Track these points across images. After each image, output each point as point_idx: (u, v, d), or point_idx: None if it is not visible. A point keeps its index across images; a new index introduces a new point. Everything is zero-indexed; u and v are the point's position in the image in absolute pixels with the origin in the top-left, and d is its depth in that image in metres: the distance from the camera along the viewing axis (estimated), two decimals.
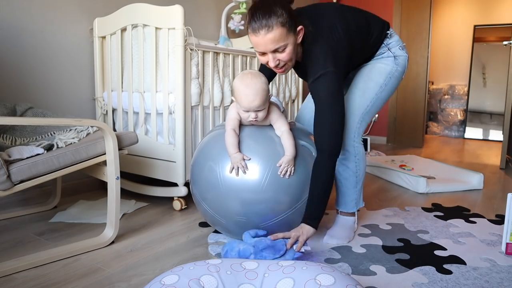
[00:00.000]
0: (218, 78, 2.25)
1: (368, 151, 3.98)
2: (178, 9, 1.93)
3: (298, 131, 1.59)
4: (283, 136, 1.46)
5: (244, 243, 1.34)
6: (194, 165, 1.58)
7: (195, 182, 1.57)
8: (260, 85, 1.39)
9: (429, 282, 1.32)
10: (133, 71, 2.16)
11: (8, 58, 2.02)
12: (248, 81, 1.38)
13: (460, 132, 5.55)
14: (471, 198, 2.39)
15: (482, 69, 5.45)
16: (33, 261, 1.38)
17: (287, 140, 1.44)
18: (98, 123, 1.52)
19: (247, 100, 1.38)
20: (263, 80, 1.41)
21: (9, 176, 1.33)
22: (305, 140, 1.55)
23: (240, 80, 1.41)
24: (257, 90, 1.38)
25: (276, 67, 1.42)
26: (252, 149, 1.45)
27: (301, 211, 1.47)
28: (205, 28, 3.24)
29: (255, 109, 1.41)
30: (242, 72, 1.46)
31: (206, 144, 1.57)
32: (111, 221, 1.60)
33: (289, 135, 1.45)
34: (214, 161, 1.48)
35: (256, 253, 1.28)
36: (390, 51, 1.63)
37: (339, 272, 1.05)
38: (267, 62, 1.41)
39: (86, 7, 2.34)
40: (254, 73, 1.42)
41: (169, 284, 1.01)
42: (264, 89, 1.40)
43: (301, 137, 1.56)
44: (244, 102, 1.40)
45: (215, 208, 1.49)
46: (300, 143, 1.52)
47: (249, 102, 1.39)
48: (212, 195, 1.48)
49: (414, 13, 4.39)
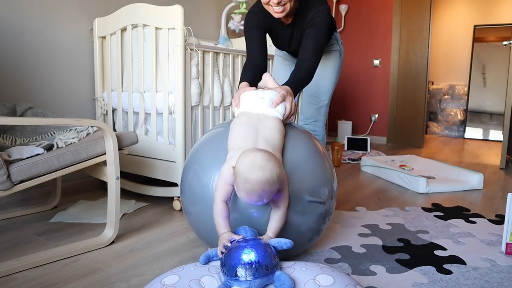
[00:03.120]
0: (218, 78, 2.25)
1: (368, 151, 3.98)
2: (178, 9, 1.93)
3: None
4: (278, 213, 1.21)
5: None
6: (184, 173, 1.43)
7: (183, 193, 1.42)
8: (268, 183, 1.07)
9: (429, 282, 1.32)
10: (133, 71, 2.16)
11: (8, 58, 2.02)
12: (253, 176, 1.06)
13: (460, 132, 5.55)
14: (471, 198, 2.39)
15: (482, 69, 5.45)
16: (33, 261, 1.38)
17: (279, 219, 1.21)
18: (98, 123, 1.52)
19: (247, 197, 1.11)
20: (275, 174, 1.08)
21: (9, 176, 1.33)
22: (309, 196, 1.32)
23: (245, 169, 1.08)
24: (263, 190, 1.07)
25: (279, 4, 1.55)
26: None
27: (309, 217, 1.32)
28: (205, 28, 3.24)
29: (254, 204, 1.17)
30: (253, 154, 1.10)
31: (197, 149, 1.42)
32: (111, 221, 1.60)
33: (283, 215, 1.21)
34: (204, 172, 1.31)
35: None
36: (338, 44, 1.91)
37: (338, 272, 1.05)
38: (269, 1, 1.55)
39: (86, 7, 2.34)
40: (266, 163, 1.08)
41: (170, 284, 1.01)
42: (273, 187, 1.09)
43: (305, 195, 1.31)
44: (243, 197, 1.12)
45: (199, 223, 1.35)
46: (307, 198, 1.30)
47: (248, 200, 1.12)
48: (197, 209, 1.33)
49: (414, 13, 4.39)
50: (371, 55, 4.72)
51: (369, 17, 4.69)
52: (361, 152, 3.93)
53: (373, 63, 4.71)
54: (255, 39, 1.70)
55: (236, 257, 1.03)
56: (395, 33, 4.51)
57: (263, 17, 1.71)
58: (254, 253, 1.03)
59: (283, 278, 1.01)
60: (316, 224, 1.35)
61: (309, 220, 1.31)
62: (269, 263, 1.03)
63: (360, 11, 4.74)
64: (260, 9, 1.69)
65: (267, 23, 1.73)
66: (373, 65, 4.71)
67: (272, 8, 1.58)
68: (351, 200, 2.29)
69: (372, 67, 4.72)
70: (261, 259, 1.02)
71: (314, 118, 1.98)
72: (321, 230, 1.41)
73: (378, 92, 4.72)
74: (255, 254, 1.03)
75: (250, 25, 1.72)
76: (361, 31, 4.75)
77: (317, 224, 1.35)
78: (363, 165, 3.17)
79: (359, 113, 4.85)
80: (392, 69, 4.57)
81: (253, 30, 1.71)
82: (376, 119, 4.75)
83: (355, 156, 3.66)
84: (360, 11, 4.74)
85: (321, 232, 1.43)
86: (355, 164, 3.38)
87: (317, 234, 1.40)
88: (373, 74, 4.73)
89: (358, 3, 4.74)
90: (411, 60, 4.45)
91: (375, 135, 4.75)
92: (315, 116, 1.98)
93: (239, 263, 1.02)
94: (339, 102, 4.92)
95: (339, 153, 3.30)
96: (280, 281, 1.00)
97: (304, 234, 1.33)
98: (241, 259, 1.02)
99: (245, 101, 1.37)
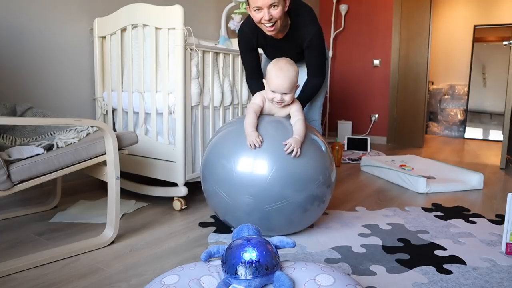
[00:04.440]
0: (218, 78, 2.25)
1: (368, 151, 3.98)
2: (178, 9, 1.93)
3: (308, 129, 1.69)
4: (298, 122, 1.57)
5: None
6: (206, 164, 1.65)
7: (207, 179, 1.64)
8: (292, 72, 1.56)
9: (429, 282, 1.32)
10: (133, 71, 2.16)
11: (8, 58, 2.02)
12: (282, 65, 1.56)
13: (460, 132, 5.55)
14: (471, 198, 2.39)
15: (482, 69, 5.45)
16: (33, 261, 1.38)
17: (300, 125, 1.56)
18: (98, 123, 1.52)
19: (278, 81, 1.54)
20: (295, 69, 1.58)
21: (9, 176, 1.33)
22: (315, 136, 1.65)
23: (275, 63, 1.58)
24: (289, 75, 1.55)
25: (269, 21, 1.67)
26: (265, 135, 1.54)
27: (306, 195, 1.53)
28: (205, 28, 3.24)
29: (282, 91, 1.55)
30: (277, 58, 1.62)
31: (216, 143, 1.64)
32: (111, 221, 1.60)
33: (302, 122, 1.58)
34: (226, 159, 1.55)
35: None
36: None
37: (338, 272, 1.05)
38: (260, 19, 1.67)
39: (86, 7, 2.34)
40: (289, 60, 1.60)
41: (170, 284, 1.01)
42: (295, 76, 1.57)
43: (313, 133, 1.66)
44: (275, 83, 1.54)
45: (229, 195, 1.57)
46: (311, 136, 1.61)
47: (279, 84, 1.54)
48: (226, 188, 1.56)
49: (414, 13, 4.39)
50: (371, 55, 4.72)
51: (369, 17, 4.69)
52: (361, 152, 3.93)
53: (373, 63, 4.71)
54: (250, 61, 1.95)
55: (237, 256, 1.03)
56: (395, 33, 4.51)
57: (251, 37, 1.87)
58: (255, 252, 1.03)
59: (283, 278, 1.01)
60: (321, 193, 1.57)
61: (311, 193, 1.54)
62: (269, 262, 1.03)
63: (360, 11, 4.74)
64: (250, 29, 1.83)
65: (256, 43, 1.90)
66: (373, 65, 4.71)
67: (265, 26, 1.71)
68: (351, 200, 2.29)
69: (372, 67, 4.72)
70: (261, 259, 1.02)
71: (312, 118, 2.07)
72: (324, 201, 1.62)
73: (378, 92, 4.72)
74: (256, 254, 1.03)
75: (242, 46, 1.94)
76: (361, 31, 4.75)
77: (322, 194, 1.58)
78: (363, 165, 3.17)
79: (359, 113, 4.85)
80: (392, 69, 4.57)
81: (245, 52, 1.93)
82: (376, 119, 4.75)
83: (355, 156, 3.66)
84: (360, 11, 4.74)
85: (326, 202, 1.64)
86: (355, 164, 3.38)
87: (323, 202, 1.62)
88: (373, 74, 4.73)
89: (358, 3, 4.74)
90: (411, 60, 4.45)
91: (375, 135, 4.75)
92: (311, 116, 2.08)
93: (239, 261, 1.02)
94: (339, 102, 4.92)
95: (339, 153, 3.30)
96: (279, 282, 1.00)
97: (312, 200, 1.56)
98: (242, 257, 1.02)
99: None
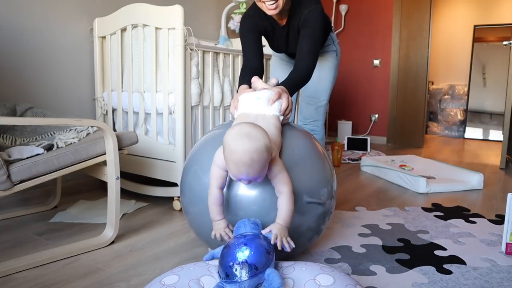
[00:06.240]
0: (218, 78, 2.25)
1: (368, 151, 3.98)
2: (178, 9, 1.93)
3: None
4: (281, 199, 1.17)
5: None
6: (184, 174, 1.42)
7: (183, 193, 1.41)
8: (255, 152, 1.04)
9: (429, 282, 1.32)
10: (133, 71, 2.16)
11: (8, 58, 2.02)
12: (240, 145, 1.05)
13: (460, 132, 5.55)
14: (471, 198, 2.39)
15: (482, 69, 5.45)
16: (33, 261, 1.38)
17: (284, 204, 1.16)
18: (98, 123, 1.52)
19: (236, 170, 1.08)
20: (262, 143, 1.06)
21: (9, 176, 1.33)
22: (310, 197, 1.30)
23: (232, 139, 1.07)
24: (251, 159, 1.04)
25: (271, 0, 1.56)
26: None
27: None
28: (205, 28, 3.24)
29: (246, 179, 1.10)
30: (239, 125, 1.10)
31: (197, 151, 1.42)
32: (111, 221, 1.60)
33: (287, 199, 1.16)
34: (203, 172, 1.30)
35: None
36: (334, 44, 1.92)
37: (338, 272, 1.05)
38: None
39: (86, 7, 2.34)
40: (253, 131, 1.08)
41: (169, 284, 1.01)
42: (261, 157, 1.06)
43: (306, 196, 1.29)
44: (232, 171, 1.09)
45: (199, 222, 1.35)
46: (305, 199, 1.28)
47: (238, 173, 1.08)
48: (197, 209, 1.32)
49: (414, 13, 4.39)
50: (371, 55, 4.72)
51: (369, 17, 4.69)
52: (361, 152, 3.93)
53: (373, 63, 4.71)
54: (251, 43, 1.72)
55: (227, 259, 1.02)
56: (395, 33, 4.51)
57: (258, 20, 1.72)
58: (245, 252, 1.01)
59: (272, 277, 0.99)
60: (316, 224, 1.34)
61: (309, 220, 1.31)
62: (259, 262, 1.00)
63: (360, 11, 4.74)
64: (255, 12, 1.71)
65: (262, 27, 1.74)
66: (373, 65, 4.71)
67: (265, 5, 1.57)
68: (351, 200, 2.29)
69: (372, 67, 4.72)
70: (249, 259, 1.00)
71: (313, 118, 1.99)
72: (321, 230, 1.40)
73: (378, 92, 4.72)
74: (244, 254, 1.01)
75: (245, 28, 1.73)
76: (361, 31, 4.75)
77: (317, 224, 1.35)
78: (363, 165, 3.17)
79: (359, 113, 4.85)
80: (392, 69, 4.57)
81: (248, 34, 1.73)
82: (376, 119, 4.75)
83: (355, 156, 3.66)
84: (360, 11, 4.74)
85: (321, 232, 1.43)
86: (355, 164, 3.38)
87: (317, 234, 1.40)
88: (373, 74, 4.73)
89: (358, 3, 4.74)
90: (411, 60, 4.45)
91: (375, 135, 4.75)
92: (314, 116, 1.99)
93: (228, 265, 1.01)
94: (339, 102, 4.92)
95: (339, 153, 3.30)
96: (268, 281, 0.99)
97: (304, 234, 1.33)
98: (230, 260, 1.01)
99: (243, 102, 1.39)
